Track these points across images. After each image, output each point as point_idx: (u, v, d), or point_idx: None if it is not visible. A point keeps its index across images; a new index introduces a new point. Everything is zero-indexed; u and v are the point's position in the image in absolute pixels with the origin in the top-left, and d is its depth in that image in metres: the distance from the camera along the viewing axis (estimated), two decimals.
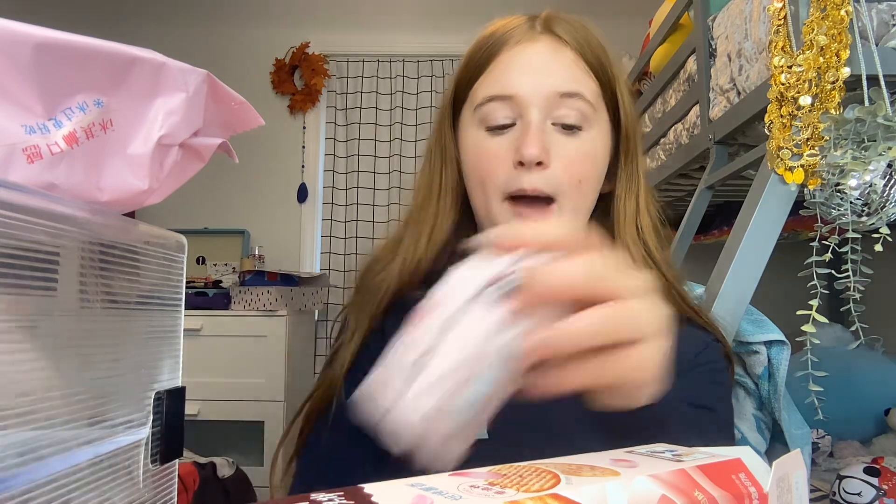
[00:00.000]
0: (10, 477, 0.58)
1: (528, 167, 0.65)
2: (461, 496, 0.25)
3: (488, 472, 0.29)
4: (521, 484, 0.27)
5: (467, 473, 0.29)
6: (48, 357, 0.67)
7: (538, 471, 0.28)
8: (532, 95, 0.66)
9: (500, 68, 0.68)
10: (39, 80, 0.66)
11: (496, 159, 0.67)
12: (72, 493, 0.67)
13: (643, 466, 0.29)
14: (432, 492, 0.26)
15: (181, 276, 0.92)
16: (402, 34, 3.20)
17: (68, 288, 0.71)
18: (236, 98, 0.86)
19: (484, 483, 0.27)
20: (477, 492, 0.26)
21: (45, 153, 0.67)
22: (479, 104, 0.69)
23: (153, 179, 0.77)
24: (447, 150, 0.74)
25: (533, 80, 0.67)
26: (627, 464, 0.30)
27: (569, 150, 0.66)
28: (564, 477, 0.27)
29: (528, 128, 0.65)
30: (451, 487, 0.26)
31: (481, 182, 0.69)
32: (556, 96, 0.66)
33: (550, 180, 0.65)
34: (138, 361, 0.84)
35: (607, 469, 0.29)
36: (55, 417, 0.66)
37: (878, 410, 1.75)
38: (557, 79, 0.67)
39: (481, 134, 0.69)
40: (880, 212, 0.87)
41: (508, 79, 0.67)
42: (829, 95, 0.87)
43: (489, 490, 0.26)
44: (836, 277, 0.95)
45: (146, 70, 0.75)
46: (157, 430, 0.83)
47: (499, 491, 0.26)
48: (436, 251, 0.72)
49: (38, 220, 0.62)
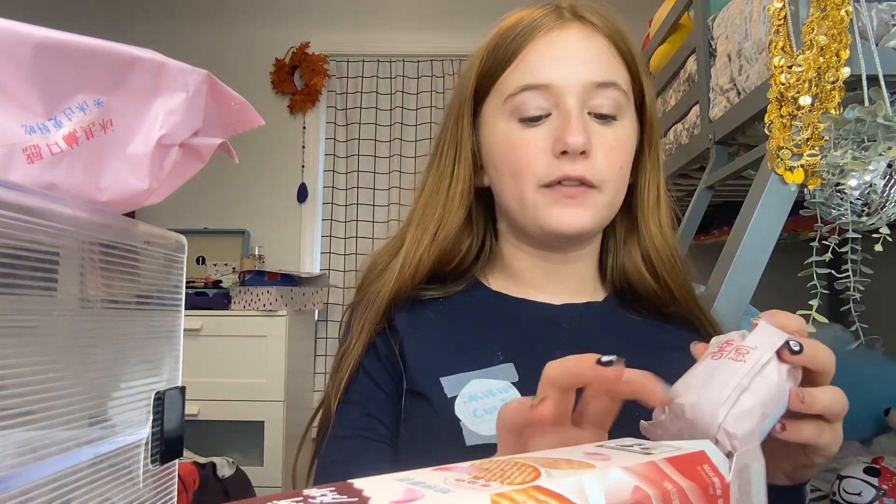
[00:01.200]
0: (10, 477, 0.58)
1: (572, 156, 0.63)
2: (449, 489, 0.26)
3: (470, 466, 0.30)
4: (504, 477, 0.28)
5: (451, 468, 0.30)
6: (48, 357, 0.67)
7: (518, 465, 0.30)
8: (569, 84, 0.65)
9: (533, 57, 0.67)
10: (39, 80, 0.66)
11: (533, 149, 0.65)
12: (72, 493, 0.67)
13: (616, 459, 0.31)
14: (421, 486, 0.27)
15: (181, 276, 0.92)
16: (402, 34, 3.20)
17: (68, 288, 0.71)
18: (236, 98, 0.86)
19: (469, 477, 0.28)
20: (464, 485, 0.27)
21: (45, 153, 0.67)
22: (510, 94, 0.67)
23: (153, 179, 0.77)
24: (462, 146, 0.71)
25: (568, 69, 0.65)
26: (601, 457, 0.31)
27: (607, 138, 0.65)
28: (544, 470, 0.28)
29: (569, 116, 0.64)
30: (438, 481, 0.27)
31: (514, 172, 0.66)
32: (592, 86, 0.65)
33: (594, 169, 0.64)
34: (138, 361, 0.84)
35: (583, 462, 0.30)
36: (55, 417, 0.66)
37: (878, 410, 1.75)
38: (593, 68, 0.66)
39: (513, 125, 0.67)
40: (880, 212, 0.87)
41: (543, 67, 0.66)
42: (829, 95, 0.87)
43: (475, 483, 0.27)
44: (836, 277, 0.95)
45: (146, 70, 0.75)
46: (157, 430, 0.83)
47: (484, 484, 0.27)
48: (439, 250, 0.70)
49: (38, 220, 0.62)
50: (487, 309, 0.71)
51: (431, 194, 0.72)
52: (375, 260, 0.74)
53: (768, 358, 0.43)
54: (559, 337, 0.68)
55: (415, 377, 0.66)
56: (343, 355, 0.70)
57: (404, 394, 0.67)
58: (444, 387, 0.64)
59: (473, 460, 0.32)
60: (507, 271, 0.74)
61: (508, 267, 0.74)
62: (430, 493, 0.25)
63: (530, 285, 0.73)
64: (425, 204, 0.73)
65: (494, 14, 0.76)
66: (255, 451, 2.54)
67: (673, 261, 0.72)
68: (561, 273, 0.72)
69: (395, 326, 0.69)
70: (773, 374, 0.42)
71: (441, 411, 0.63)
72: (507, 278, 0.74)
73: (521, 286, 0.73)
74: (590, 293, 0.74)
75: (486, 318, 0.70)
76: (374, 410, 0.67)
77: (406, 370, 0.67)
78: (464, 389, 0.64)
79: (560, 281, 0.72)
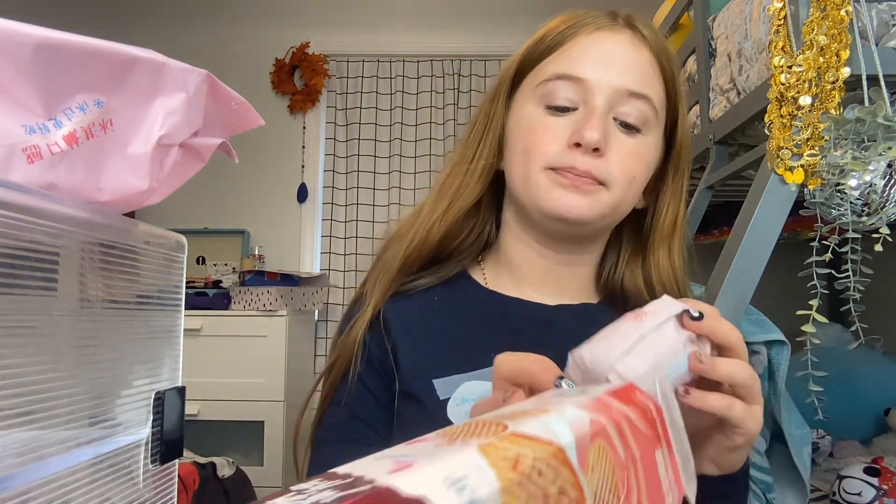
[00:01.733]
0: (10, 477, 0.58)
1: (584, 150, 0.63)
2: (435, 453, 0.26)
3: (438, 434, 0.31)
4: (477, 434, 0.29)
5: (423, 439, 0.30)
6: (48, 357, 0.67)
7: (483, 423, 0.30)
8: (602, 84, 0.64)
9: (577, 49, 0.67)
10: (39, 80, 0.66)
11: (550, 135, 0.65)
12: (72, 493, 0.67)
13: (564, 403, 0.33)
14: (406, 457, 0.26)
15: (181, 276, 0.92)
16: (402, 34, 3.19)
17: (68, 288, 0.71)
18: (236, 98, 0.86)
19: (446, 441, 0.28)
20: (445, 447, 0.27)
21: (45, 153, 0.67)
22: (544, 80, 0.67)
23: (153, 179, 0.77)
24: (493, 122, 0.72)
25: (606, 70, 0.65)
26: (552, 403, 0.34)
27: (626, 145, 0.65)
28: (510, 423, 0.29)
29: (592, 112, 0.64)
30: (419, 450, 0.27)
31: (525, 152, 0.67)
32: (625, 93, 0.65)
33: (603, 168, 0.64)
34: (138, 361, 0.84)
35: (538, 409, 0.32)
36: (55, 417, 0.66)
37: (878, 410, 1.75)
38: (631, 76, 0.65)
39: (539, 110, 0.67)
40: (880, 212, 0.87)
41: (583, 61, 0.66)
42: (829, 95, 0.87)
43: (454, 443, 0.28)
44: (836, 277, 0.95)
45: (146, 70, 0.75)
46: (157, 430, 0.83)
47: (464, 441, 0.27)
48: (450, 223, 0.70)
49: (38, 220, 0.62)
50: (481, 309, 0.71)
51: (456, 164, 0.73)
52: (398, 229, 0.75)
53: (664, 319, 0.45)
54: (552, 338, 0.68)
55: (407, 378, 0.66)
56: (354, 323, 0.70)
57: (397, 395, 0.67)
58: (437, 389, 0.64)
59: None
60: (505, 264, 0.74)
61: (507, 260, 0.74)
62: (419, 460, 0.25)
63: (526, 282, 0.72)
64: (448, 173, 0.73)
65: (494, 15, 0.76)
66: (255, 451, 2.53)
67: (672, 288, 0.71)
68: (558, 273, 0.72)
69: (388, 327, 0.69)
70: (669, 332, 0.45)
71: (434, 413, 0.63)
72: (504, 273, 0.74)
73: (516, 282, 0.73)
74: (584, 297, 0.74)
75: (479, 319, 0.70)
76: (361, 413, 0.68)
77: (399, 371, 0.67)
78: (456, 392, 0.64)
79: (556, 281, 0.72)
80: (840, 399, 1.48)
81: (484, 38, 3.09)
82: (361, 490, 0.23)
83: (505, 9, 3.05)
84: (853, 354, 1.80)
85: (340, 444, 0.67)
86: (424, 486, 0.23)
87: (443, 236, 0.70)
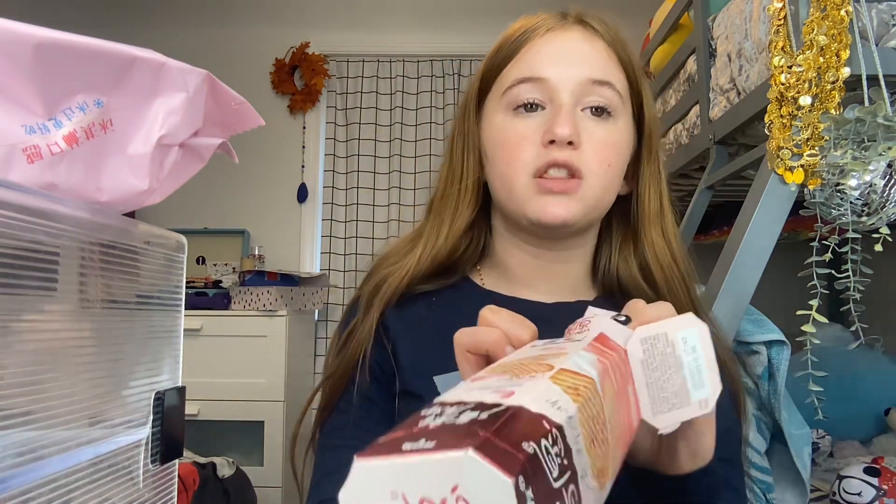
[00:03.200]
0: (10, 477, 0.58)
1: (559, 145, 0.65)
2: (521, 384, 0.31)
3: (492, 372, 0.35)
4: (534, 371, 0.33)
5: (485, 376, 0.34)
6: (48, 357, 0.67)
7: (530, 363, 0.35)
8: (564, 80, 0.66)
9: (532, 53, 0.68)
10: (39, 80, 0.66)
11: (524, 139, 0.67)
12: (72, 493, 0.67)
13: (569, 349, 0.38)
14: (500, 388, 0.30)
15: (181, 276, 0.92)
16: (402, 34, 3.19)
17: (68, 288, 0.71)
18: (236, 98, 0.86)
19: (511, 376, 0.33)
20: (523, 380, 0.32)
21: (45, 153, 0.67)
22: (507, 87, 0.68)
23: (153, 179, 0.77)
24: (469, 138, 0.73)
25: (565, 66, 0.67)
26: (560, 350, 0.39)
27: (598, 135, 0.67)
28: (553, 362, 0.35)
29: (559, 109, 0.65)
30: (500, 382, 0.32)
31: (506, 160, 0.68)
32: (587, 83, 0.66)
33: (581, 158, 0.65)
34: (138, 361, 0.84)
35: (558, 352, 0.38)
36: (55, 417, 0.66)
37: (878, 410, 1.75)
38: (589, 66, 0.67)
39: (508, 117, 0.68)
40: (880, 212, 0.87)
41: (540, 62, 0.67)
42: (829, 95, 0.87)
43: (522, 378, 0.32)
44: (836, 277, 0.95)
45: (146, 70, 0.75)
46: (157, 430, 0.83)
47: (530, 376, 0.32)
48: (454, 241, 0.72)
49: (38, 220, 0.62)
50: (478, 307, 0.72)
51: (447, 187, 0.74)
52: (391, 250, 0.76)
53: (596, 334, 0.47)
54: (550, 335, 0.68)
55: (408, 377, 0.67)
56: (350, 334, 0.71)
57: (397, 394, 0.67)
58: (438, 385, 0.64)
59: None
60: (500, 268, 0.75)
61: (501, 263, 0.75)
62: (516, 390, 0.29)
63: (522, 283, 0.73)
64: (441, 196, 0.74)
65: (494, 14, 0.77)
66: (255, 451, 2.53)
67: (673, 271, 0.71)
68: (552, 271, 0.73)
69: (388, 326, 0.70)
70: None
71: None
72: (500, 275, 0.75)
73: (512, 283, 0.74)
74: (581, 293, 0.74)
75: (477, 317, 0.71)
76: (363, 421, 0.68)
77: (399, 370, 0.68)
78: None
79: (551, 279, 0.73)
80: (840, 399, 1.48)
81: (484, 38, 3.07)
82: (499, 409, 0.26)
83: (505, 9, 3.04)
84: (853, 354, 1.80)
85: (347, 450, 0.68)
86: (537, 406, 0.27)
87: (445, 257, 0.72)
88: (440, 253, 0.71)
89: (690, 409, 0.41)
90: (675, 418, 0.42)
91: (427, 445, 0.24)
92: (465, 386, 0.32)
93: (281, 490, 2.48)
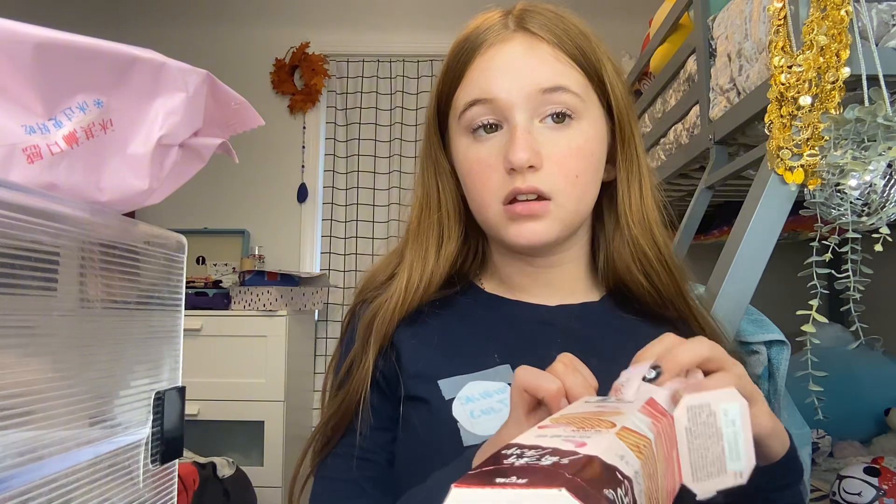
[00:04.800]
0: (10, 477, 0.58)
1: (519, 171, 0.63)
2: (590, 437, 0.33)
3: (557, 423, 0.37)
4: (599, 426, 0.36)
5: (554, 425, 0.36)
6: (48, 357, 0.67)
7: (594, 419, 0.38)
8: (513, 97, 0.64)
9: (477, 73, 0.67)
10: (39, 80, 0.66)
11: (487, 167, 0.65)
12: (72, 493, 0.67)
13: (624, 410, 0.40)
14: (572, 438, 0.33)
15: (181, 276, 0.92)
16: (403, 34, 3.19)
17: (68, 288, 0.71)
18: (236, 98, 0.86)
19: (578, 428, 0.35)
20: (589, 433, 0.34)
21: (45, 153, 0.67)
22: (461, 111, 0.67)
23: (153, 179, 0.77)
24: (439, 163, 0.73)
25: (512, 80, 0.65)
26: (615, 410, 0.41)
27: (560, 146, 0.65)
28: (614, 419, 0.37)
29: (514, 132, 0.64)
30: (569, 433, 0.34)
31: (477, 188, 0.67)
32: (538, 94, 0.64)
33: (545, 180, 0.64)
34: (138, 361, 0.84)
35: (614, 412, 0.40)
36: (55, 417, 0.66)
37: (878, 410, 1.75)
38: (537, 76, 0.65)
39: (469, 141, 0.67)
40: (880, 212, 0.87)
41: (486, 82, 0.66)
42: (829, 95, 0.87)
43: (588, 431, 0.34)
44: (836, 277, 0.95)
45: (146, 70, 0.75)
46: (157, 430, 0.83)
47: (595, 430, 0.34)
48: (449, 263, 0.71)
49: (38, 220, 0.62)
50: (483, 312, 0.72)
51: (423, 209, 0.73)
52: (373, 274, 0.75)
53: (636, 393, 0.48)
54: (554, 338, 0.68)
55: (412, 382, 0.66)
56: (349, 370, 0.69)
57: (402, 399, 0.67)
58: (442, 389, 0.64)
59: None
60: (498, 275, 0.75)
61: (499, 271, 0.74)
62: (587, 442, 0.32)
63: (520, 289, 0.73)
64: (418, 224, 0.73)
65: None
66: (255, 451, 2.53)
67: (660, 262, 0.71)
68: (548, 276, 0.72)
69: (394, 342, 0.69)
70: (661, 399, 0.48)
71: (439, 413, 0.63)
72: (499, 282, 0.74)
73: (512, 290, 0.73)
74: (584, 293, 0.74)
75: (481, 321, 0.71)
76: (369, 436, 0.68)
77: (403, 376, 0.67)
78: (461, 391, 0.64)
79: (548, 284, 0.72)
80: (840, 399, 1.48)
81: None
82: (576, 457, 0.29)
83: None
84: (853, 354, 1.80)
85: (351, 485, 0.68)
86: (609, 458, 0.30)
87: (443, 277, 0.72)
88: (435, 275, 0.71)
89: (727, 478, 0.43)
90: (713, 486, 0.43)
91: (519, 481, 0.27)
92: (534, 432, 0.35)
93: (281, 490, 2.48)
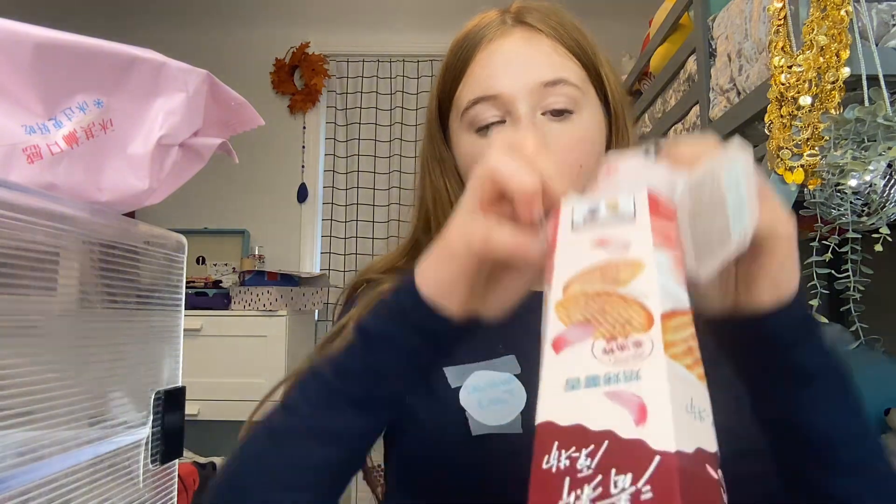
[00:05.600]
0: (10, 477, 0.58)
1: None
2: (634, 368, 0.28)
3: (580, 327, 0.33)
4: (628, 322, 0.31)
5: (569, 340, 0.32)
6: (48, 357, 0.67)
7: (620, 303, 0.33)
8: (516, 90, 0.65)
9: (479, 69, 0.68)
10: (39, 80, 0.66)
11: None
12: (72, 493, 0.67)
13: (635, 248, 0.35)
14: (615, 382, 0.28)
15: (181, 276, 0.92)
16: (403, 34, 3.19)
17: (68, 288, 0.71)
18: (236, 98, 0.86)
19: (608, 340, 0.31)
20: (629, 350, 0.29)
21: (45, 153, 0.67)
22: (464, 109, 0.68)
23: (153, 179, 0.77)
24: (445, 161, 0.73)
25: (514, 74, 0.66)
26: (623, 247, 0.36)
27: (563, 138, 0.66)
28: (643, 298, 0.32)
29: (518, 123, 0.65)
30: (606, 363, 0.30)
31: None
32: (540, 87, 0.65)
33: None
34: (138, 361, 0.84)
35: (628, 264, 0.34)
36: (55, 417, 0.66)
37: (878, 410, 1.75)
38: (538, 69, 0.66)
39: (473, 137, 0.68)
40: (880, 212, 0.87)
41: (488, 78, 0.67)
42: (829, 95, 0.87)
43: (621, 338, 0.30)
44: (836, 277, 0.95)
45: (146, 70, 0.75)
46: (157, 430, 0.83)
47: (634, 339, 0.30)
48: None
49: (38, 220, 0.62)
50: None
51: (434, 205, 0.73)
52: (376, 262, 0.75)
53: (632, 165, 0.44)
54: None
55: None
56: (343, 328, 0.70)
57: None
58: (448, 376, 0.64)
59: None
60: None
61: None
62: (646, 398, 0.26)
63: None
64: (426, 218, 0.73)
65: None
66: None
67: None
68: None
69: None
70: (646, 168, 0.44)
71: (445, 401, 0.63)
72: None
73: None
74: None
75: None
76: None
77: None
78: (468, 380, 0.64)
79: None
80: None
81: None
82: (650, 470, 0.24)
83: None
84: (853, 354, 1.80)
85: None
86: (682, 439, 0.24)
87: None
88: None
89: (730, 247, 0.37)
90: (716, 261, 0.37)
91: None
92: (555, 363, 0.31)
93: None
